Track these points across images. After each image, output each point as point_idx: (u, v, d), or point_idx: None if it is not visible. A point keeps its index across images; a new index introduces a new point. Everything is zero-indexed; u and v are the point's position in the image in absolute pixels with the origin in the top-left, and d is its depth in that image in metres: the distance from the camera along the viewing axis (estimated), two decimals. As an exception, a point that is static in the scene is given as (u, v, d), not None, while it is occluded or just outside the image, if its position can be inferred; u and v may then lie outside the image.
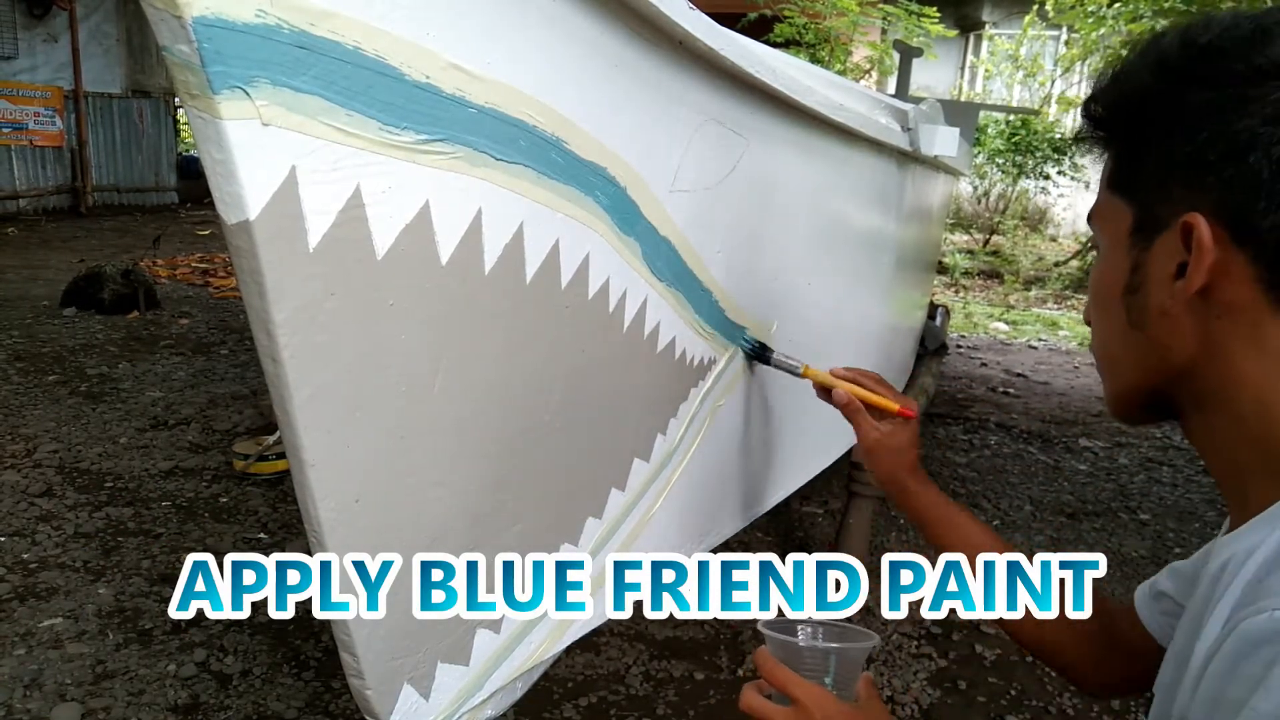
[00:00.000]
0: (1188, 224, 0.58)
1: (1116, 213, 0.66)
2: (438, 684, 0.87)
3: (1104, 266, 0.68)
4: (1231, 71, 0.57)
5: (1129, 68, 0.64)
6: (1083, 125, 0.71)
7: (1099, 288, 0.69)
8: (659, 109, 1.00)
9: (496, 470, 0.89)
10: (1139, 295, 0.63)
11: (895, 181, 2.24)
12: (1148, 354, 0.64)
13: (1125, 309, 0.65)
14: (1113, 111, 0.66)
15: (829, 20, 7.97)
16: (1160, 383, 0.65)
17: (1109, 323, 0.68)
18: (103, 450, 3.30)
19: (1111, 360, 0.69)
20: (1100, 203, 0.69)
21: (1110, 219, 0.67)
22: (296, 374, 0.64)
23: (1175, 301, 0.60)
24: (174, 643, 2.12)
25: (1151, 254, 0.62)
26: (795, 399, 1.77)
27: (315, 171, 0.61)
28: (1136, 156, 0.64)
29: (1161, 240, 0.61)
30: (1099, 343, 0.71)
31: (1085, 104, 0.70)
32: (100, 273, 5.54)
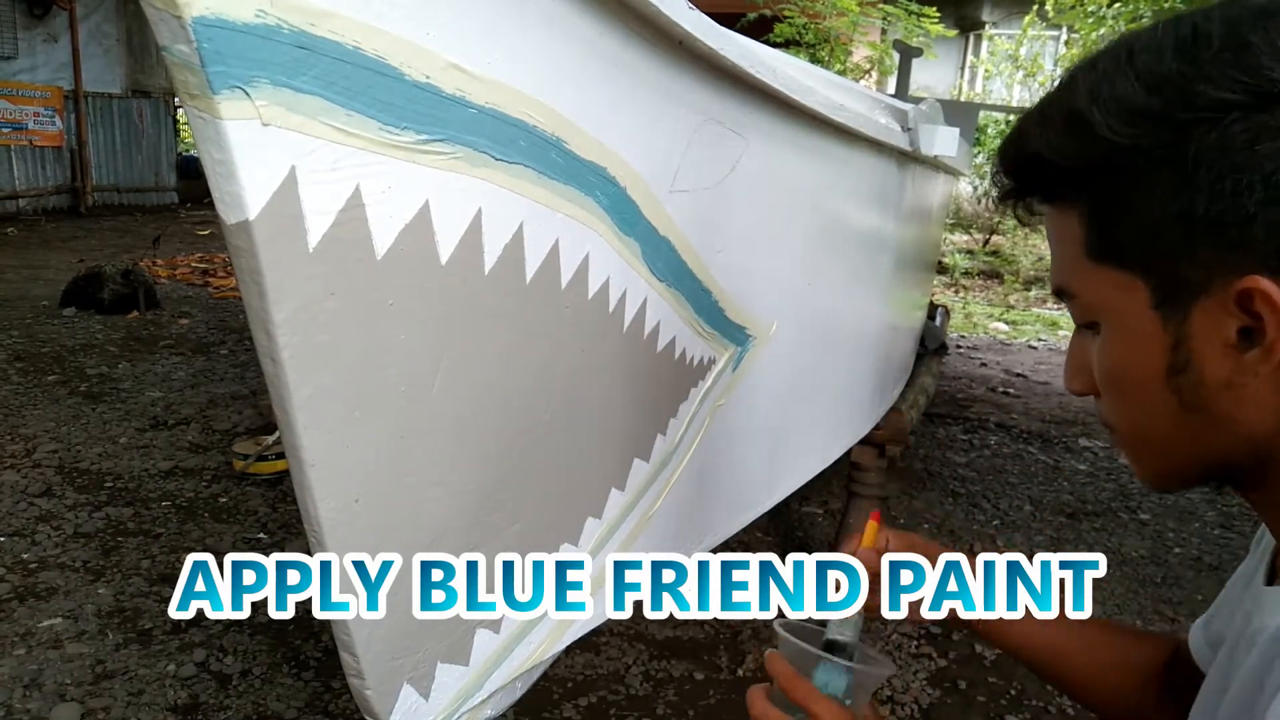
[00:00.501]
0: (1249, 291, 0.50)
1: (1114, 286, 0.57)
2: (438, 684, 0.87)
3: (1122, 349, 0.58)
4: (1225, 103, 0.50)
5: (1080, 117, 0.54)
6: (1010, 183, 0.61)
7: (1122, 372, 0.59)
8: (659, 109, 1.00)
9: (496, 470, 0.89)
10: (1189, 374, 0.55)
11: (895, 181, 2.24)
12: (1211, 432, 0.56)
13: (1173, 390, 0.56)
14: (1072, 171, 0.56)
15: (829, 20, 7.97)
16: (1222, 457, 0.58)
17: (1149, 408, 0.58)
18: (102, 450, 3.30)
19: (1157, 444, 0.60)
20: (1078, 276, 0.59)
21: (1105, 293, 0.58)
22: (296, 374, 0.64)
23: (1250, 373, 0.53)
24: (174, 643, 2.12)
25: (1194, 326, 0.54)
26: (795, 399, 1.77)
27: (315, 171, 0.61)
28: (1127, 218, 0.55)
29: (1201, 308, 0.53)
30: (1134, 429, 0.61)
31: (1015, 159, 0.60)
32: (100, 273, 5.54)
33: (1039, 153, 0.58)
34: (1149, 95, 0.52)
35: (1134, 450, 0.63)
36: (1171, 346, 0.55)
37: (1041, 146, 0.57)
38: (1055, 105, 0.57)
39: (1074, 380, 0.65)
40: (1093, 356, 0.61)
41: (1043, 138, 0.57)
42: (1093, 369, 0.62)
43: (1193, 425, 0.57)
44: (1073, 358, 0.65)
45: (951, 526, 3.07)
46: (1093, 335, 0.61)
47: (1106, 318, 0.59)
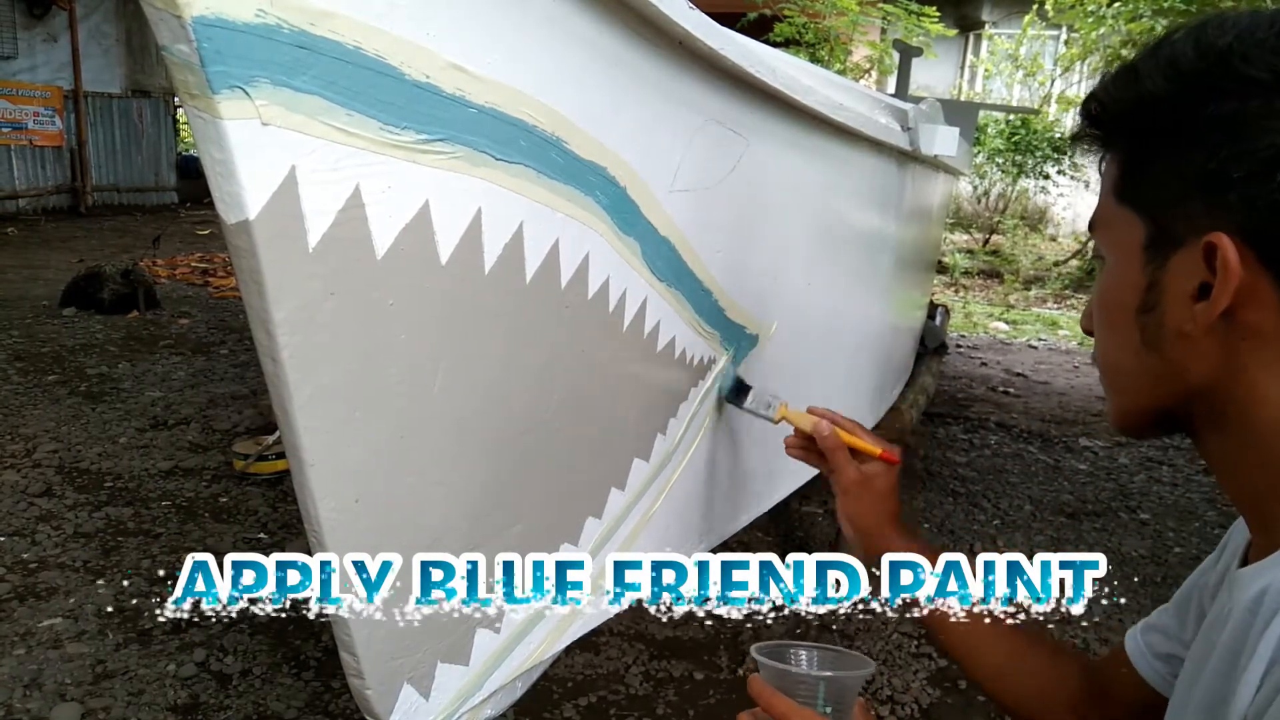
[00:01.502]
0: (1211, 244, 0.55)
1: (1125, 224, 0.62)
2: (438, 684, 0.87)
3: (1113, 281, 0.64)
4: (1254, 81, 0.54)
5: (1138, 69, 0.60)
6: (1081, 124, 0.67)
7: (1107, 302, 0.65)
8: (659, 109, 1.00)
9: (497, 470, 0.89)
10: (1154, 314, 0.60)
11: (895, 181, 2.24)
12: (1163, 374, 0.61)
13: (1139, 328, 0.61)
14: (1120, 116, 0.62)
15: (829, 20, 7.97)
16: (1175, 403, 0.62)
17: (1119, 339, 0.64)
18: (102, 450, 3.30)
19: (1121, 377, 0.66)
20: (1104, 211, 0.65)
21: (1118, 230, 0.63)
22: (296, 374, 0.64)
23: (1196, 324, 0.57)
24: (174, 643, 2.12)
25: (1168, 272, 0.59)
26: (796, 399, 1.77)
27: (315, 171, 0.61)
28: (1147, 167, 0.60)
29: (1179, 258, 0.58)
30: (1106, 358, 0.67)
31: (1086, 103, 0.65)
32: (100, 272, 5.54)
33: (1099, 99, 0.63)
34: (1195, 57, 0.56)
35: (1106, 382, 0.68)
36: (1147, 287, 0.60)
37: (1102, 91, 0.63)
38: (1130, 62, 0.62)
39: (1086, 319, 0.71)
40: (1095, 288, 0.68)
41: (1106, 84, 0.63)
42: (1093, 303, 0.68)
43: (1151, 364, 0.62)
44: (1089, 300, 0.71)
45: (952, 526, 3.06)
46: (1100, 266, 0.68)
47: (1111, 251, 0.65)
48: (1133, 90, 0.60)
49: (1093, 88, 0.66)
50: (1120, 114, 0.62)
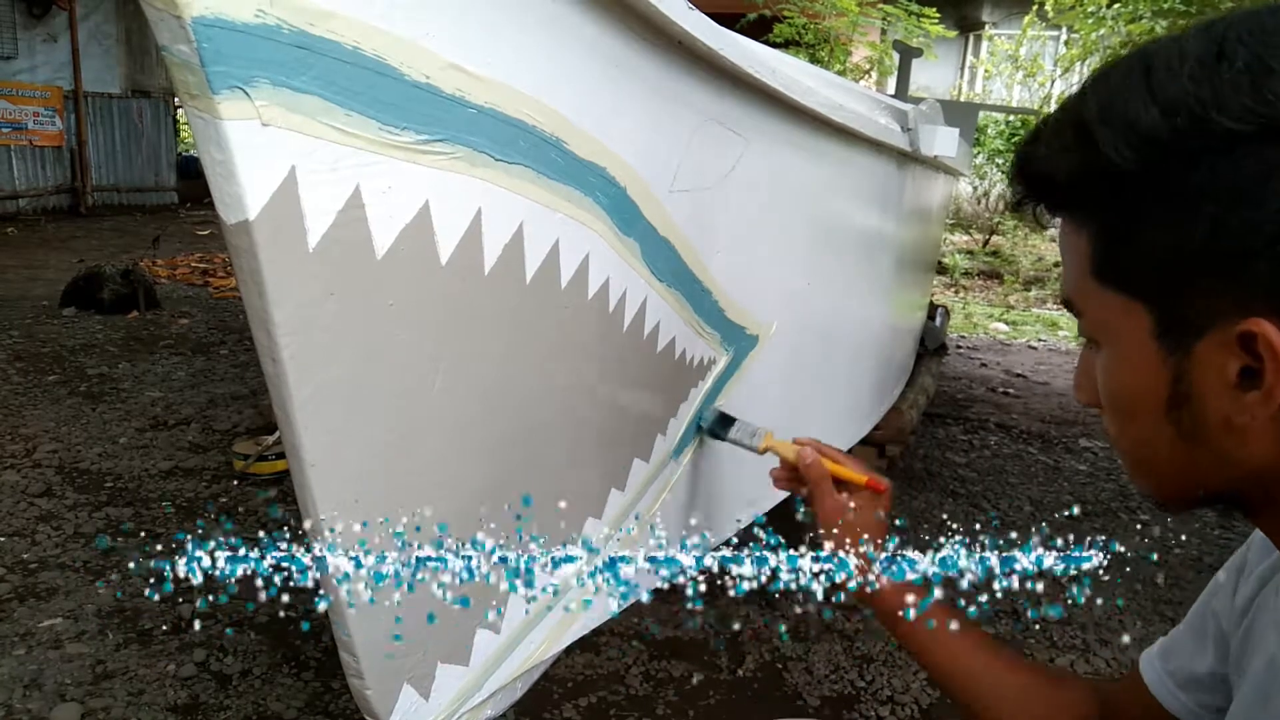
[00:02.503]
0: (1250, 333, 0.49)
1: (1120, 311, 0.55)
2: (438, 684, 0.87)
3: (1123, 375, 0.57)
4: (1237, 135, 0.47)
5: (1093, 134, 0.52)
6: (1016, 189, 0.59)
7: (1122, 397, 0.58)
8: (659, 109, 1.00)
9: (496, 470, 0.89)
10: (1189, 408, 0.54)
11: (895, 182, 2.24)
12: (1210, 464, 0.55)
13: (1172, 423, 0.55)
14: (1079, 188, 0.55)
15: (828, 20, 7.97)
16: (1229, 488, 0.57)
17: (1146, 434, 0.57)
18: (102, 450, 3.30)
19: (1157, 469, 0.60)
20: (1085, 293, 0.58)
21: (1111, 317, 0.56)
22: (296, 374, 0.64)
23: (1254, 416, 0.51)
24: (174, 643, 2.12)
25: (1195, 362, 0.52)
26: (795, 399, 1.77)
27: (315, 172, 0.61)
28: (1132, 247, 0.53)
29: (1205, 345, 0.51)
30: (1134, 452, 0.60)
31: (1023, 168, 0.58)
32: (100, 273, 5.54)
33: (1046, 168, 0.56)
34: (1160, 117, 0.49)
35: (1135, 471, 0.62)
36: (1172, 380, 0.54)
37: (1048, 162, 0.55)
38: (1067, 117, 0.54)
39: (1081, 392, 0.64)
40: (1095, 371, 0.61)
41: (1051, 152, 0.55)
42: (1096, 383, 0.61)
43: (1193, 456, 0.56)
44: (1081, 370, 0.64)
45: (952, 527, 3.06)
46: (1097, 350, 0.60)
47: (1109, 340, 0.58)
48: (1092, 160, 0.52)
49: (1026, 149, 0.58)
50: (1079, 186, 0.55)
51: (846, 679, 2.14)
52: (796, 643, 2.27)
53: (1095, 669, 2.23)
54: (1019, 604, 2.53)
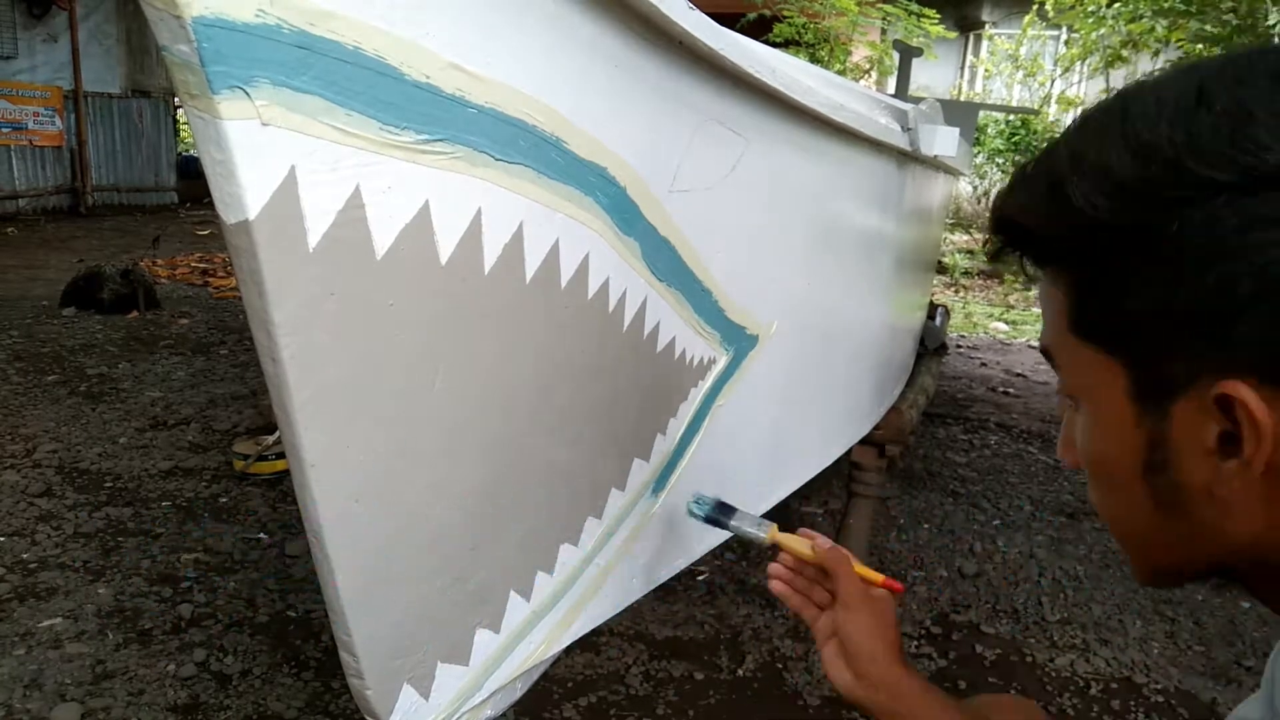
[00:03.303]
0: (1226, 396, 0.45)
1: (1095, 367, 0.52)
2: (438, 684, 0.87)
3: (1099, 434, 0.54)
4: (1217, 185, 0.44)
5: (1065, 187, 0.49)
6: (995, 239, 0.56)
7: (1100, 459, 0.55)
8: (659, 109, 1.00)
9: (496, 470, 0.89)
10: (1166, 474, 0.50)
11: (895, 181, 2.24)
12: (1191, 536, 0.52)
13: (1149, 489, 0.52)
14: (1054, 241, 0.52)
15: (828, 20, 7.97)
16: (1213, 562, 0.53)
17: (1124, 500, 0.54)
18: (102, 450, 3.30)
19: (1136, 539, 0.56)
20: (1061, 345, 0.55)
21: (1086, 372, 0.53)
22: (296, 374, 0.64)
23: (1231, 487, 0.48)
24: (174, 643, 2.12)
25: (1173, 424, 0.49)
26: (795, 399, 1.77)
27: (315, 171, 0.61)
28: (1107, 301, 0.50)
29: (1183, 407, 0.48)
30: (1114, 519, 0.57)
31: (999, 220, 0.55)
32: (100, 273, 5.54)
33: (1021, 220, 0.53)
34: (1134, 165, 0.46)
35: (1120, 542, 0.59)
36: (1149, 443, 0.51)
37: (1023, 213, 0.53)
38: (1041, 166, 0.52)
39: (1066, 452, 0.60)
40: (1075, 431, 0.58)
41: (1025, 203, 0.52)
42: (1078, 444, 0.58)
43: (1174, 526, 0.52)
44: (1065, 430, 0.60)
45: (952, 527, 3.06)
46: (1078, 409, 0.57)
47: (1086, 397, 0.55)
48: (1067, 213, 0.49)
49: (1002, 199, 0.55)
50: (1055, 239, 0.52)
51: (846, 679, 2.13)
52: (796, 643, 2.27)
53: (1095, 669, 2.23)
54: (1018, 604, 2.53)
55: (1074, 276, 0.52)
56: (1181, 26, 6.59)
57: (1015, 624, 2.44)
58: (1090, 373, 0.53)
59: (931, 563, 2.78)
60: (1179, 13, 6.33)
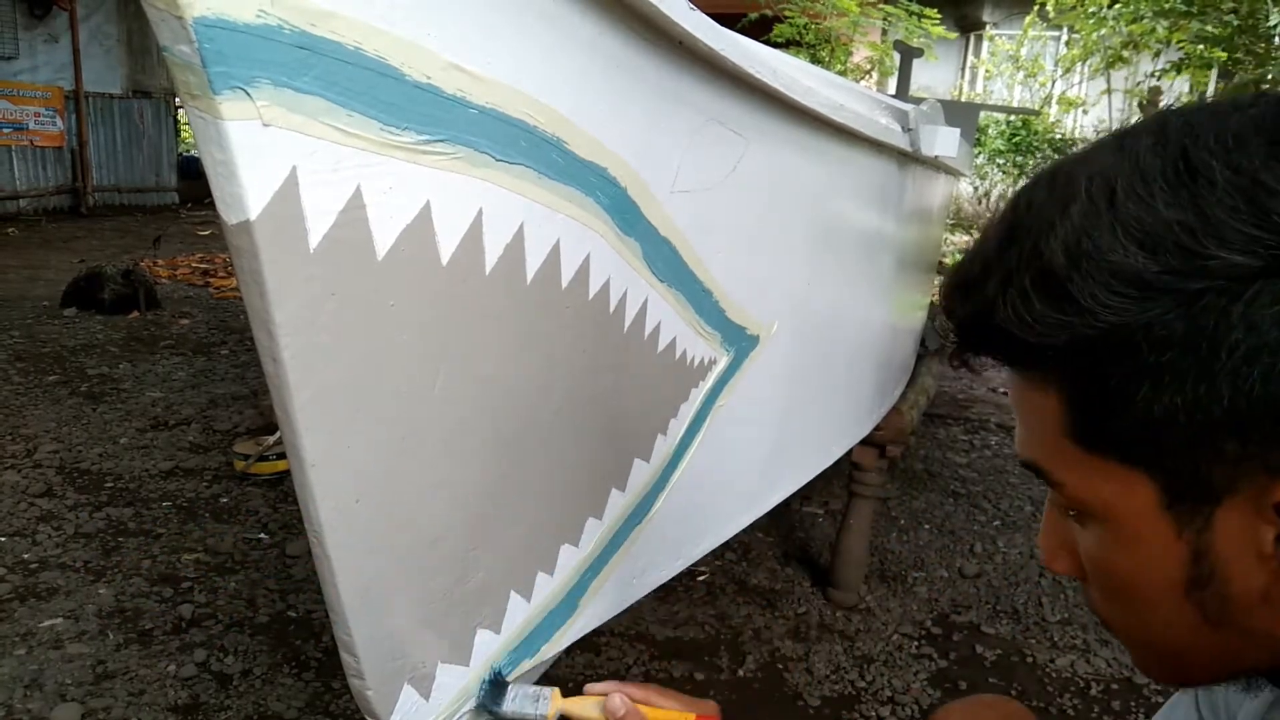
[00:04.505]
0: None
1: (1111, 480, 0.47)
2: (438, 684, 0.87)
3: (1125, 553, 0.49)
4: (1246, 270, 0.40)
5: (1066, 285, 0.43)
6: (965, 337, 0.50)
7: (1125, 578, 0.50)
8: (659, 109, 1.00)
9: (497, 471, 0.89)
10: (1214, 588, 0.46)
11: (895, 182, 2.24)
12: (1244, 647, 0.48)
13: (1194, 605, 0.47)
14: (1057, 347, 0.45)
15: (829, 21, 7.98)
16: (1265, 667, 0.49)
17: (1161, 619, 0.49)
18: (103, 450, 3.30)
19: (1172, 655, 0.51)
20: (1062, 459, 0.49)
21: (1103, 486, 0.48)
22: (297, 374, 0.64)
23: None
24: (174, 643, 2.12)
25: (1216, 534, 0.45)
26: (796, 399, 1.77)
27: (316, 172, 0.61)
28: (1124, 407, 0.44)
29: (1227, 514, 0.44)
30: (1144, 638, 0.52)
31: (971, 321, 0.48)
32: (100, 273, 5.55)
33: (1005, 325, 0.46)
34: (1145, 258, 0.41)
35: (1146, 658, 0.54)
36: (1191, 558, 0.46)
37: (1009, 319, 0.45)
38: (1024, 262, 0.45)
39: (1056, 560, 0.55)
40: (1079, 543, 0.52)
41: (1011, 305, 0.45)
42: (1081, 555, 0.53)
43: (1219, 639, 0.48)
44: (1051, 534, 0.55)
45: (952, 527, 3.07)
46: (1078, 521, 0.52)
47: (1102, 516, 0.49)
48: (1067, 316, 0.43)
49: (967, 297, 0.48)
50: (1053, 346, 0.45)
51: (846, 679, 2.14)
52: (796, 643, 2.27)
53: (1095, 669, 2.23)
54: (1019, 605, 2.53)
55: (1074, 382, 0.46)
56: (1182, 27, 6.59)
57: (1016, 624, 2.44)
58: (1104, 486, 0.47)
59: (932, 563, 2.78)
60: (1180, 14, 6.34)
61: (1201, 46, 6.54)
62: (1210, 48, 6.48)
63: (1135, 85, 8.89)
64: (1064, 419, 0.47)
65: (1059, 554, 0.55)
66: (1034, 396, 0.49)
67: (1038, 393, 0.48)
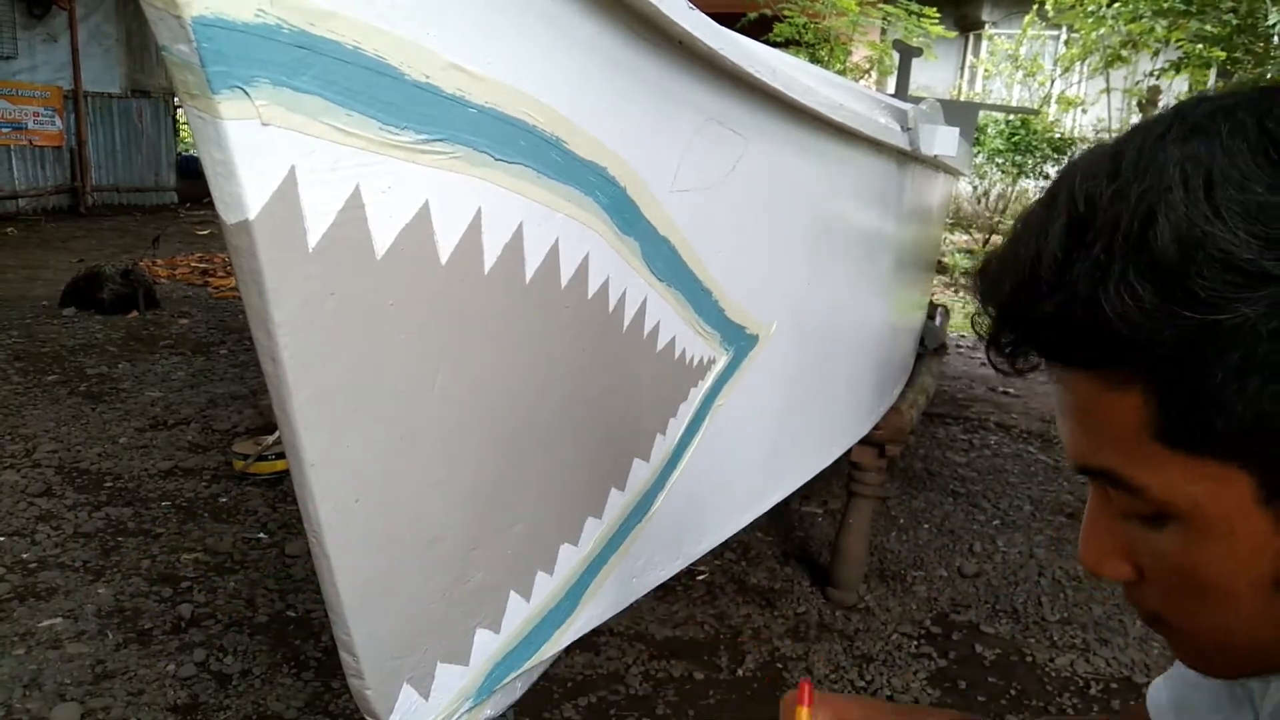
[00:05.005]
0: None
1: (1202, 477, 0.46)
2: (437, 684, 0.87)
3: (1213, 551, 0.48)
4: None
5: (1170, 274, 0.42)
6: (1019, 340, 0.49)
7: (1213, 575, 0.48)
8: (659, 109, 1.00)
9: (496, 470, 0.89)
10: None
11: (895, 181, 2.24)
12: None
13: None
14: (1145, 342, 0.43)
15: (829, 20, 7.98)
16: None
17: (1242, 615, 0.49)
18: (102, 450, 3.30)
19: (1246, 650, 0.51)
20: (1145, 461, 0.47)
21: (1188, 485, 0.46)
22: (296, 374, 0.64)
23: None
24: (174, 643, 2.12)
25: None
26: (795, 399, 1.77)
27: (315, 171, 0.61)
28: (1224, 404, 0.43)
29: None
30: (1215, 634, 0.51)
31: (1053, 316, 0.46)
32: (100, 273, 5.55)
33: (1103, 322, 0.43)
34: (1259, 246, 0.40)
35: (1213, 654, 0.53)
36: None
37: (1115, 312, 0.43)
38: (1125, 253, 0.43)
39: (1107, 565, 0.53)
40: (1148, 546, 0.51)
41: (1116, 298, 0.43)
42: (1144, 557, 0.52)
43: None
44: (1103, 538, 0.53)
45: (952, 526, 3.07)
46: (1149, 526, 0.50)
47: (1189, 513, 0.47)
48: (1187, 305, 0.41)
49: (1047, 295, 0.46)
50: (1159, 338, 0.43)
51: (846, 679, 2.14)
52: (796, 642, 2.27)
53: (1095, 669, 2.23)
54: (1018, 604, 2.53)
55: (1171, 379, 0.44)
56: (1181, 26, 6.59)
57: (1015, 624, 2.44)
58: (1194, 486, 0.46)
59: (931, 563, 2.78)
60: (1179, 13, 6.34)
61: (1200, 45, 6.54)
62: (1209, 47, 6.49)
63: (1134, 84, 8.89)
64: (1152, 419, 0.45)
65: (1112, 559, 0.53)
66: (1110, 398, 0.47)
67: (1115, 393, 0.46)
